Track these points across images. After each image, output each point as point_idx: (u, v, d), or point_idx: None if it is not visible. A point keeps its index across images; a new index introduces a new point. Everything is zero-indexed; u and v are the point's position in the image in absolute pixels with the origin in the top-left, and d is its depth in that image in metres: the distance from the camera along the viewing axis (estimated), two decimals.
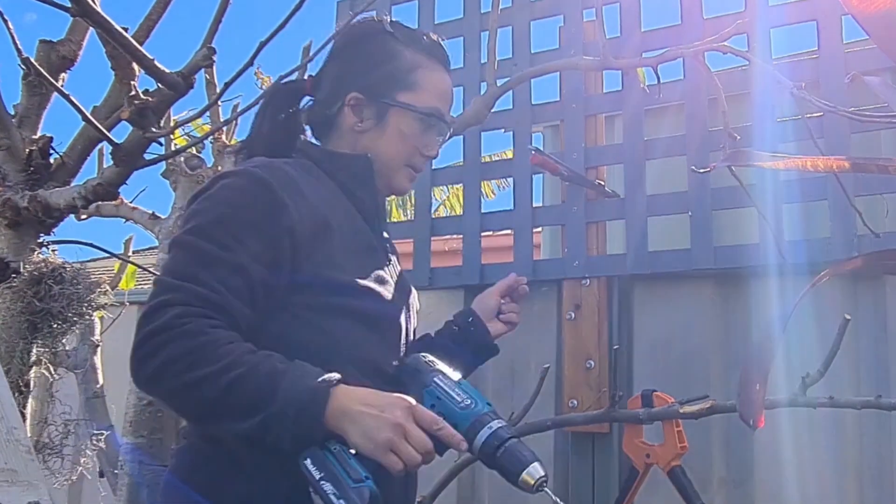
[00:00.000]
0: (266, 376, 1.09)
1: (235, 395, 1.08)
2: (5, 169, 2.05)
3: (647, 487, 1.91)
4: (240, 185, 1.22)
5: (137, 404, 2.05)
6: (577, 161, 2.42)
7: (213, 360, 1.08)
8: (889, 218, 2.07)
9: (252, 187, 1.21)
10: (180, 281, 1.13)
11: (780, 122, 2.13)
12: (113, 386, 2.53)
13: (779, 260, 1.95)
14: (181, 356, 1.08)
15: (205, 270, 1.14)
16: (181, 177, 2.21)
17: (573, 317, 2.36)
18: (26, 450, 1.00)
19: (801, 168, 0.99)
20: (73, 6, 1.45)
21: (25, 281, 1.91)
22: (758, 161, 1.05)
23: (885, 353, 2.08)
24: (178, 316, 1.09)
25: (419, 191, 2.68)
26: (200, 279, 1.13)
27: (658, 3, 2.55)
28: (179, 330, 1.09)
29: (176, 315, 1.09)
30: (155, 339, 1.09)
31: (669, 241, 2.30)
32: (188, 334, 1.09)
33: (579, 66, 2.10)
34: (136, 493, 2.02)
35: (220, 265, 1.15)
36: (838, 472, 2.10)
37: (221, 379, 1.08)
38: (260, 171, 1.23)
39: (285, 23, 1.51)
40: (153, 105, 1.62)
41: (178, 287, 1.12)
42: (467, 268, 2.53)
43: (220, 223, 1.18)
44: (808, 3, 2.15)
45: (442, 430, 1.10)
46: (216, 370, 1.08)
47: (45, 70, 1.90)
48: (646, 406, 1.86)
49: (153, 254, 2.37)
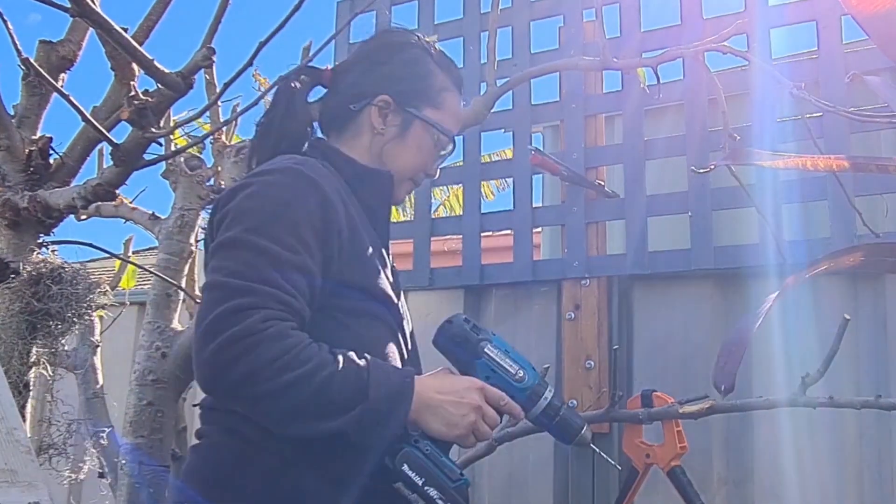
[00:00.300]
0: (354, 373, 1.10)
1: (328, 394, 1.08)
2: (5, 169, 2.05)
3: (647, 487, 1.91)
4: (289, 184, 1.19)
5: (137, 404, 2.05)
6: (577, 161, 2.42)
7: (303, 361, 1.07)
8: (889, 218, 2.07)
9: (303, 186, 1.19)
10: (254, 283, 1.09)
11: (779, 122, 2.13)
12: (112, 386, 2.53)
13: (779, 260, 1.95)
14: (272, 360, 1.06)
15: (276, 272, 1.11)
16: (181, 177, 2.20)
17: (573, 317, 2.36)
18: (26, 450, 1.00)
19: (801, 168, 0.99)
20: (73, 6, 1.45)
21: (24, 281, 1.90)
22: (757, 160, 1.05)
23: (885, 353, 2.08)
24: (262, 320, 1.07)
25: (419, 191, 2.68)
26: (275, 281, 1.10)
27: (658, 4, 2.55)
28: (265, 334, 1.06)
29: (260, 319, 1.06)
30: (240, 343, 1.05)
31: (669, 242, 2.30)
32: (274, 338, 1.06)
33: (579, 66, 2.10)
34: (136, 494, 2.02)
35: (288, 267, 1.12)
36: (838, 471, 2.10)
37: (314, 379, 1.07)
38: (305, 169, 1.21)
39: (285, 23, 1.51)
40: (153, 105, 1.62)
41: (254, 290, 1.09)
42: (467, 268, 2.53)
43: (280, 223, 1.15)
44: (807, 4, 2.15)
45: (506, 405, 1.21)
46: (307, 371, 1.07)
47: (45, 70, 1.90)
48: (645, 406, 1.86)
49: (153, 254, 2.37)
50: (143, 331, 2.14)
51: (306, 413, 1.09)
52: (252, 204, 1.17)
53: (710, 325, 2.26)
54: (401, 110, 1.36)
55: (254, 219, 1.15)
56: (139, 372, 2.08)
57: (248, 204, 1.17)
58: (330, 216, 1.18)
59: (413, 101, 1.36)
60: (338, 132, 1.39)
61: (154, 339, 2.10)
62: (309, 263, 1.14)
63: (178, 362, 2.08)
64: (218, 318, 1.07)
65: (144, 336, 2.13)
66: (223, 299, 1.08)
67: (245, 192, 1.19)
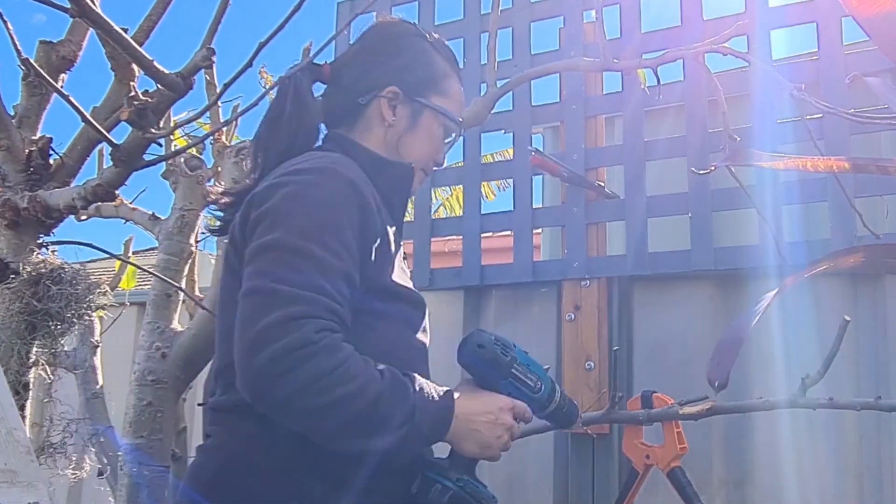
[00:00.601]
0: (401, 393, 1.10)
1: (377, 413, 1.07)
2: (5, 169, 2.05)
3: (646, 488, 1.91)
4: (330, 185, 1.16)
5: (137, 405, 2.05)
6: (577, 162, 2.42)
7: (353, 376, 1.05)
8: (889, 219, 2.07)
9: (343, 188, 1.16)
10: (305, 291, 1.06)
11: (780, 123, 2.13)
12: (112, 386, 2.53)
13: (778, 261, 1.95)
14: (324, 373, 1.03)
15: (324, 279, 1.08)
16: (181, 177, 2.20)
17: (573, 318, 2.36)
18: (26, 450, 1.00)
19: (801, 169, 0.99)
20: (73, 7, 1.44)
21: (24, 281, 1.90)
22: (758, 161, 1.05)
23: (884, 353, 2.08)
24: (315, 330, 1.04)
25: (419, 192, 2.67)
26: (324, 289, 1.07)
27: (658, 5, 2.56)
28: (319, 345, 1.03)
29: (313, 329, 1.03)
30: (294, 354, 1.02)
31: (669, 243, 2.30)
32: (328, 350, 1.04)
33: (579, 67, 2.10)
34: (136, 494, 2.02)
35: (335, 274, 1.10)
36: (838, 472, 2.10)
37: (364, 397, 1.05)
38: (341, 169, 1.19)
39: (285, 23, 1.51)
40: (153, 106, 1.62)
41: (305, 298, 1.05)
42: (467, 269, 2.53)
43: (325, 227, 1.12)
44: (808, 5, 2.15)
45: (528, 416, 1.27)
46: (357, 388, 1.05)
47: (45, 71, 1.89)
48: (645, 407, 1.86)
49: (153, 254, 2.36)
50: (143, 331, 2.14)
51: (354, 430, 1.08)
52: (294, 206, 1.14)
53: (710, 326, 2.26)
54: (409, 100, 1.35)
55: (298, 222, 1.12)
56: (139, 372, 2.08)
57: (290, 205, 1.14)
58: (369, 221, 1.17)
59: (420, 90, 1.35)
60: (348, 126, 1.36)
61: (154, 340, 2.10)
62: (351, 270, 1.12)
63: (177, 363, 2.08)
64: (270, 327, 1.03)
65: (144, 336, 2.13)
66: (274, 306, 1.04)
67: (283, 190, 1.15)
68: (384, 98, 1.34)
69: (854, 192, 1.96)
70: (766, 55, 2.16)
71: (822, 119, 2.06)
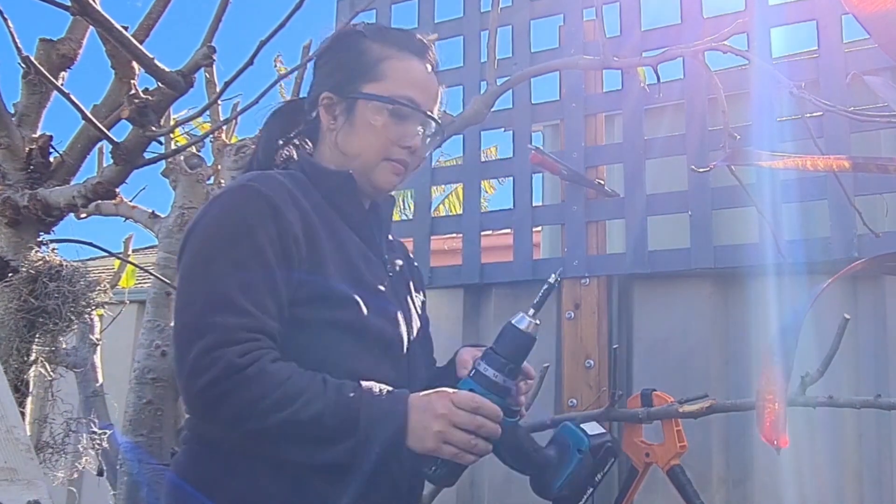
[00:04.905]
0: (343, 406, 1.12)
1: (317, 430, 1.12)
2: (5, 167, 2.05)
3: (646, 487, 1.91)
4: (240, 203, 1.21)
5: (137, 403, 2.05)
6: (577, 160, 2.42)
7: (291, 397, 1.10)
8: (889, 218, 2.07)
9: (253, 202, 1.20)
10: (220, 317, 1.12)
11: (779, 121, 2.13)
12: (112, 384, 2.53)
13: (778, 259, 1.95)
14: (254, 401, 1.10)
15: (242, 297, 1.13)
16: (181, 175, 2.20)
17: (573, 316, 2.36)
18: (26, 448, 1.00)
19: (801, 167, 0.99)
20: (73, 5, 1.44)
21: (22, 279, 1.90)
22: (757, 160, 1.05)
23: (884, 352, 2.08)
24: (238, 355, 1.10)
25: (419, 190, 2.68)
26: (242, 310, 1.13)
27: (658, 3, 2.55)
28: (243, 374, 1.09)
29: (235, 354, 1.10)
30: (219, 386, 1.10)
31: (669, 241, 2.30)
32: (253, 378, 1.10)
33: (579, 65, 2.10)
34: (136, 492, 2.02)
35: (253, 290, 1.15)
36: (837, 471, 2.10)
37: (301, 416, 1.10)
38: (256, 184, 1.23)
39: (285, 22, 1.51)
40: (153, 104, 1.62)
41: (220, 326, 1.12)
42: (467, 267, 2.53)
43: (238, 246, 1.17)
44: (807, 3, 2.15)
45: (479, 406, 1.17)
46: (294, 411, 1.10)
47: (45, 69, 1.89)
48: (645, 405, 1.86)
49: (153, 252, 2.36)
50: (143, 329, 2.14)
51: (297, 447, 1.13)
52: (207, 232, 1.20)
53: (709, 325, 2.26)
54: (342, 99, 1.35)
55: (210, 246, 1.18)
56: (139, 370, 2.08)
57: (205, 232, 1.20)
58: (284, 227, 1.19)
59: (349, 84, 1.35)
60: (315, 144, 1.42)
61: (154, 338, 2.10)
62: (274, 280, 1.16)
63: None
64: (196, 359, 1.10)
65: (144, 334, 2.13)
66: (194, 339, 1.11)
67: (203, 220, 1.22)
68: (322, 106, 1.37)
69: (854, 191, 1.96)
70: (765, 53, 2.16)
71: (821, 117, 2.06)
